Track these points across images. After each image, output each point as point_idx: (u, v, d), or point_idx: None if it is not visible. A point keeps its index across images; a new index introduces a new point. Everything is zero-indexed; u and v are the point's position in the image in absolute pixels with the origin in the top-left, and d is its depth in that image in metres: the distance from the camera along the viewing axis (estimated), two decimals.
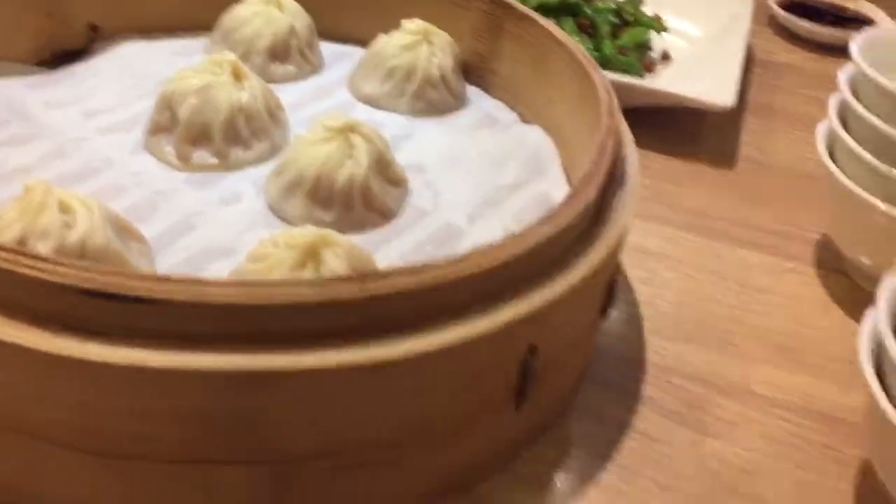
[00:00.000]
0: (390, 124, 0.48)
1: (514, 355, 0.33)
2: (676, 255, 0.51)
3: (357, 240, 0.39)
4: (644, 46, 0.67)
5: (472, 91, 0.52)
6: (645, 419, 0.40)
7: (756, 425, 0.41)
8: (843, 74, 0.47)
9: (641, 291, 0.48)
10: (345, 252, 0.34)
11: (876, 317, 0.35)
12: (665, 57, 0.68)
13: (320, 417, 0.30)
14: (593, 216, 0.37)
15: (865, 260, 0.48)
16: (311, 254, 0.33)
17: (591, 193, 0.35)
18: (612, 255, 0.36)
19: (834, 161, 0.48)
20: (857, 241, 0.49)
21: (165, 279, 0.29)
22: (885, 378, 0.34)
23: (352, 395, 0.30)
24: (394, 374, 0.30)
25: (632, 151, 0.42)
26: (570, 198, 0.35)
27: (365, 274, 0.30)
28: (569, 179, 0.46)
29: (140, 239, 0.37)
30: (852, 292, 0.49)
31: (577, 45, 0.46)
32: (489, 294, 0.32)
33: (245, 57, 0.49)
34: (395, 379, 0.30)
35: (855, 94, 0.47)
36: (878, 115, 0.45)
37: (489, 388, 0.34)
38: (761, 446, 0.40)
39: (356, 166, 0.40)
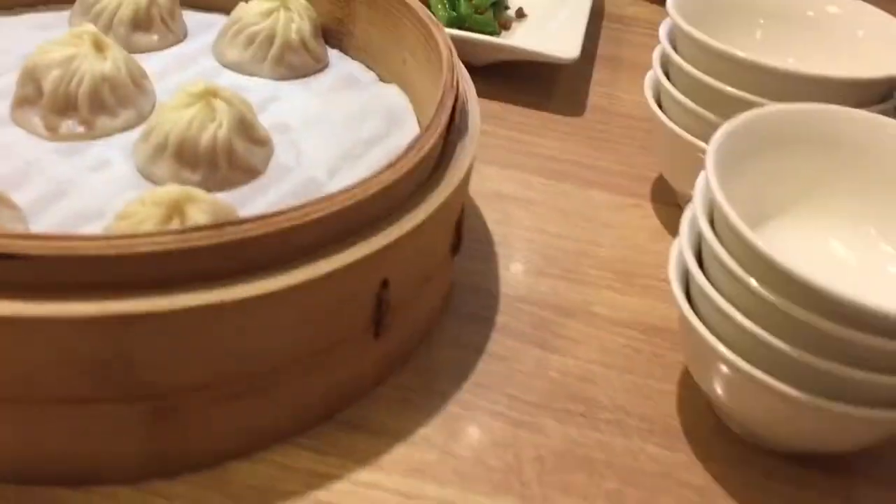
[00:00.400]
0: (255, 88, 0.51)
1: (368, 289, 0.37)
2: (529, 197, 0.56)
3: (224, 197, 0.42)
4: (499, 5, 0.71)
5: (333, 54, 0.56)
6: (497, 343, 0.45)
7: (594, 341, 0.46)
8: (663, 27, 0.53)
9: (497, 231, 0.53)
10: (208, 207, 0.37)
11: (681, 242, 0.41)
12: (520, 14, 0.73)
13: (189, 354, 0.33)
14: (436, 163, 0.41)
15: (692, 192, 0.54)
16: (176, 209, 0.37)
17: (430, 142, 0.39)
18: (454, 196, 0.41)
19: (661, 107, 0.53)
20: (685, 177, 0.54)
21: (36, 236, 0.31)
22: (690, 292, 0.40)
23: (217, 332, 0.33)
24: (255, 310, 0.33)
25: (474, 104, 0.46)
26: (411, 147, 0.39)
27: (221, 223, 0.33)
28: None
29: (12, 206, 0.39)
30: None
31: (422, 6, 0.49)
32: (340, 235, 0.36)
33: (107, 28, 0.51)
34: (256, 315, 0.34)
35: (674, 44, 0.52)
36: (693, 63, 0.50)
37: (349, 320, 0.38)
38: (598, 358, 0.45)
39: (218, 128, 0.43)
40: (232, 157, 0.44)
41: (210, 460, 0.37)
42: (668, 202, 0.57)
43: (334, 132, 0.49)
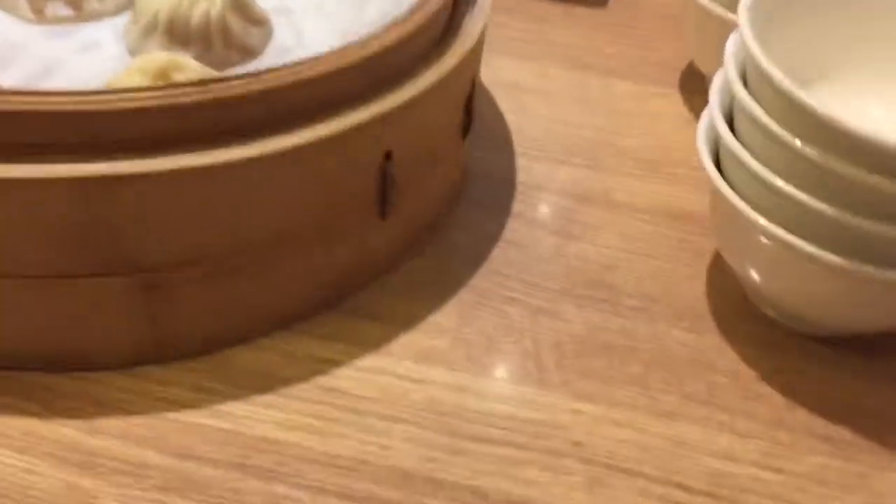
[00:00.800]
0: None
1: (370, 160, 0.35)
2: (547, 88, 0.53)
3: None
4: None
5: None
6: (514, 231, 0.43)
7: (615, 228, 0.43)
8: None
9: (513, 122, 0.50)
10: (196, 75, 0.35)
11: (711, 109, 0.38)
12: None
13: (179, 223, 0.31)
14: (444, 31, 0.38)
15: None
16: (163, 77, 0.34)
17: (436, 3, 0.36)
18: (462, 67, 0.38)
19: None
20: (716, 59, 0.51)
21: (5, 91, 0.29)
22: (722, 166, 0.37)
23: (207, 198, 0.31)
24: (246, 175, 0.31)
25: None
26: (417, 7, 0.36)
27: (207, 79, 0.30)
28: None
29: None
30: None
31: None
32: (339, 98, 0.33)
33: None
34: (248, 181, 0.31)
35: None
36: None
37: (351, 193, 0.35)
38: (621, 244, 0.42)
39: (211, 5, 0.40)
40: (227, 35, 0.41)
41: (208, 346, 0.35)
42: (698, 90, 0.53)
43: (338, 14, 0.46)
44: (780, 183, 0.33)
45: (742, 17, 0.36)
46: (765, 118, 0.34)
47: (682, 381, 0.36)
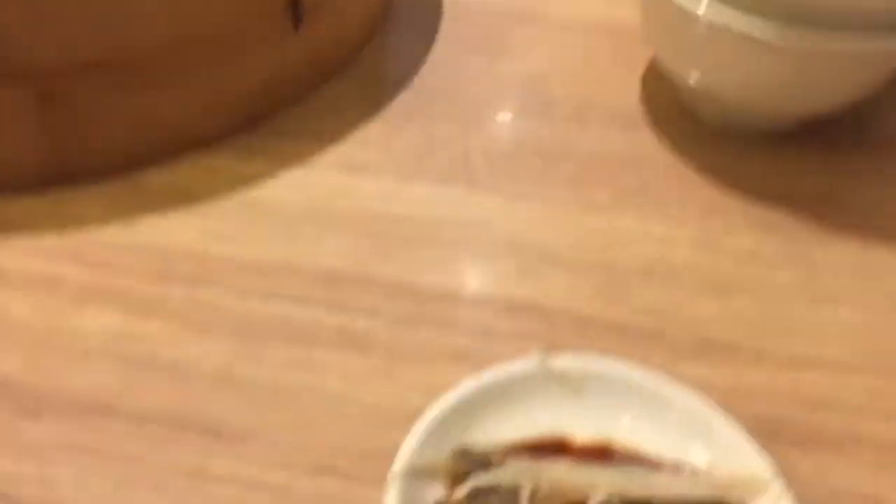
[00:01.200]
0: None
1: None
2: None
3: None
4: None
5: None
6: (443, 52, 0.41)
7: (548, 44, 0.42)
8: None
9: None
10: None
11: None
12: None
13: (68, 25, 0.29)
14: None
15: None
16: None
17: None
18: None
19: None
20: None
21: None
22: None
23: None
24: None
25: None
26: None
27: None
28: None
29: None
30: None
31: None
32: None
33: None
34: None
35: None
36: None
37: (257, 3, 0.33)
38: (553, 60, 0.41)
39: None
40: None
41: (121, 165, 0.33)
42: None
43: None
44: None
45: None
46: None
47: (616, 178, 0.35)
